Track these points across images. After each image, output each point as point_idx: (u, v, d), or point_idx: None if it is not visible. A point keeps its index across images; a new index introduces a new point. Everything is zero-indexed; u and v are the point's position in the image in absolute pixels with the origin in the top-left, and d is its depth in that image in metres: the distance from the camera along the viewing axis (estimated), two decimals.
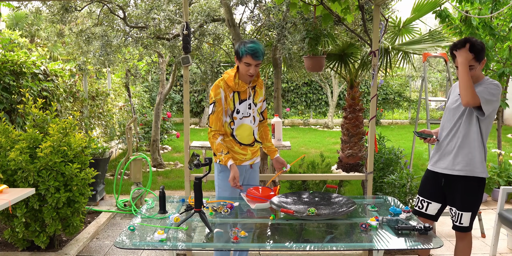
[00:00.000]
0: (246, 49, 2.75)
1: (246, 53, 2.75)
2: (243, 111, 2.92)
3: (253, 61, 2.77)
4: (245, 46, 2.76)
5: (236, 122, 2.93)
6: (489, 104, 2.70)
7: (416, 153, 8.43)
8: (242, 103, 2.91)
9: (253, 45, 2.75)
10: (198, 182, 2.38)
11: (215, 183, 3.05)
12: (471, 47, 2.70)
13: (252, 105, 2.96)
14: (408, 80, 14.71)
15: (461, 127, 2.83)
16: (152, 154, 7.22)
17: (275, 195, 2.71)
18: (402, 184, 4.17)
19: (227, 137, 2.96)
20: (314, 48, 4.17)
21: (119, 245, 2.10)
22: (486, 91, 2.71)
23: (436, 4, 4.96)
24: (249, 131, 2.98)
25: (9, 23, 12.43)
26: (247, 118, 2.94)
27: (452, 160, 2.86)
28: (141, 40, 5.71)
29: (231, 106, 2.89)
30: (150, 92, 11.87)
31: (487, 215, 4.83)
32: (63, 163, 3.52)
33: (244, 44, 2.77)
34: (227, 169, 2.93)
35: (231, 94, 2.88)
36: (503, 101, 5.15)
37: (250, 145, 3.01)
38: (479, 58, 2.73)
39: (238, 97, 2.90)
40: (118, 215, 4.89)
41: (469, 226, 2.90)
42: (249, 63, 2.78)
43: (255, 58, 2.76)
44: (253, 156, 3.04)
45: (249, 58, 2.75)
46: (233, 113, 2.91)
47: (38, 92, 4.75)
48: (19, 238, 3.60)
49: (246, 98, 2.92)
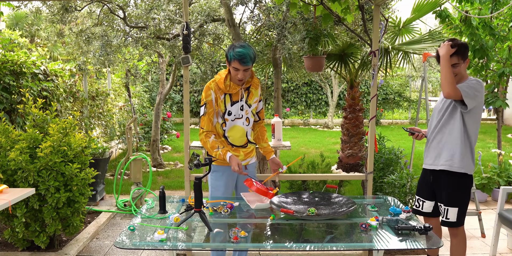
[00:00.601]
0: (234, 54, 2.69)
1: (234, 58, 2.69)
2: (235, 112, 2.89)
3: (240, 66, 2.72)
4: (233, 51, 2.70)
5: (228, 123, 2.91)
6: (472, 99, 2.79)
7: (416, 153, 8.43)
8: (234, 105, 2.88)
9: (242, 50, 2.69)
10: (198, 182, 2.38)
11: (208, 183, 3.06)
12: (455, 45, 2.81)
13: (245, 106, 2.92)
14: (408, 80, 14.71)
15: (445, 124, 2.93)
16: (152, 154, 7.22)
17: (273, 194, 2.71)
18: (402, 184, 4.17)
19: (219, 138, 2.95)
20: (314, 48, 4.17)
21: (119, 245, 2.10)
22: (466, 85, 2.82)
23: (436, 4, 4.96)
24: (241, 133, 2.95)
25: (9, 23, 12.44)
26: (239, 119, 2.92)
27: (436, 155, 2.98)
28: (141, 40, 5.71)
29: (222, 108, 2.87)
30: (150, 92, 11.88)
31: (487, 215, 4.83)
32: (63, 163, 3.52)
33: (233, 48, 2.71)
34: (219, 169, 2.94)
35: (222, 96, 2.85)
36: (503, 101, 5.14)
37: (243, 146, 2.99)
38: (464, 57, 2.84)
39: (230, 98, 2.87)
40: (118, 215, 4.89)
41: (456, 221, 2.95)
42: (237, 68, 2.73)
43: (243, 64, 2.70)
44: (246, 157, 3.02)
45: (237, 63, 2.70)
46: (224, 114, 2.89)
47: (38, 92, 4.75)
48: (19, 238, 3.60)
49: (238, 99, 2.89)
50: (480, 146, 9.62)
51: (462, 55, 2.83)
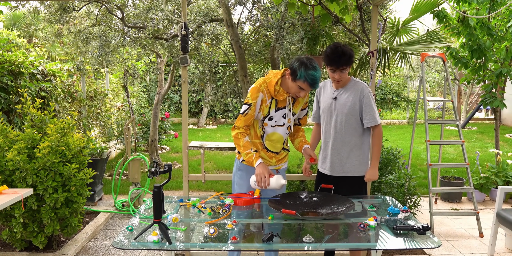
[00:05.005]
0: (306, 76, 2.56)
1: (305, 80, 2.57)
2: (277, 119, 2.79)
3: (309, 89, 2.63)
4: (306, 72, 2.56)
5: (267, 129, 2.81)
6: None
7: (414, 153, 8.45)
8: (278, 111, 2.78)
9: (315, 73, 2.57)
10: (158, 191, 2.22)
11: (232, 179, 3.02)
12: (349, 60, 2.87)
13: (289, 114, 2.81)
14: (406, 80, 14.74)
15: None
16: (150, 154, 7.22)
17: (258, 198, 2.71)
18: (400, 184, 4.18)
19: (257, 139, 2.85)
20: (312, 48, 4.17)
21: (118, 246, 2.10)
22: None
23: (434, 4, 4.97)
24: (280, 141, 2.87)
25: (7, 23, 12.40)
26: (280, 127, 2.82)
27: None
28: (139, 40, 5.70)
29: (265, 112, 2.76)
30: (148, 92, 11.87)
31: (485, 215, 4.85)
32: (61, 163, 3.52)
33: (306, 69, 2.56)
34: (246, 168, 2.87)
35: (269, 99, 2.74)
36: (501, 101, 5.16)
37: (276, 152, 2.90)
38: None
39: (276, 104, 2.76)
40: (116, 216, 4.89)
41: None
42: (303, 89, 2.64)
43: (312, 88, 2.63)
44: (278, 163, 2.94)
45: (306, 85, 2.60)
46: (265, 119, 2.78)
47: (36, 92, 4.74)
48: (17, 239, 3.60)
49: (283, 106, 2.78)
50: (478, 146, 9.65)
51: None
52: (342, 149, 3.05)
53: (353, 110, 2.99)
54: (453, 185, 5.36)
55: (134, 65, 7.24)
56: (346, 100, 2.99)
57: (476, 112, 11.91)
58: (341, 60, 2.83)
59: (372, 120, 2.99)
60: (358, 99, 2.98)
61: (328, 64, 2.89)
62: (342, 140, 3.04)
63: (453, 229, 4.53)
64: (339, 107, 3.01)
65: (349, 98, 2.99)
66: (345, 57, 2.83)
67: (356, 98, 2.98)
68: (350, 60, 2.86)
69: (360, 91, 2.98)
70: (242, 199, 2.68)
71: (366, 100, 2.98)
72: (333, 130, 3.06)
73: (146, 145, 8.06)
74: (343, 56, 2.82)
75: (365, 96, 2.97)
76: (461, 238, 4.28)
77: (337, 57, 2.83)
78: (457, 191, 5.33)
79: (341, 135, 3.03)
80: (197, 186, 6.23)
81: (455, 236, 4.33)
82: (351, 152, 3.04)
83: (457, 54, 5.13)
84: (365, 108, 2.98)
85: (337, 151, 3.06)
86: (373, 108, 3.00)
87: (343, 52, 2.82)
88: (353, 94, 2.98)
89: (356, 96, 2.98)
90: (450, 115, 14.28)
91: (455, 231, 4.48)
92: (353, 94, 2.99)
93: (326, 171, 3.14)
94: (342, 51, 2.82)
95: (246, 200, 2.68)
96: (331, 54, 2.84)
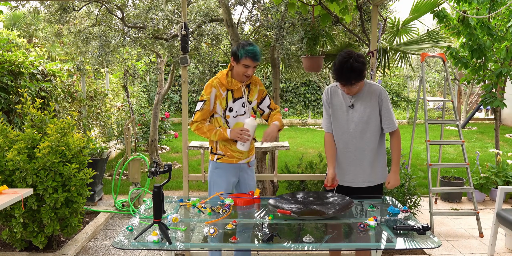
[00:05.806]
0: (245, 52, 2.80)
1: (246, 55, 2.80)
2: (237, 109, 2.96)
3: (252, 63, 2.83)
4: (244, 49, 2.80)
5: (230, 120, 2.97)
6: None
7: (414, 153, 8.44)
8: (236, 101, 2.96)
9: (252, 48, 2.81)
10: (157, 191, 2.23)
11: (208, 179, 3.10)
12: (359, 76, 2.66)
13: (246, 103, 3.00)
14: (406, 80, 14.74)
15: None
16: (150, 154, 7.22)
17: (258, 198, 2.74)
18: (400, 184, 4.18)
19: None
20: (312, 48, 4.17)
21: (118, 246, 2.10)
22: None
23: (434, 4, 4.97)
24: None
25: (7, 23, 12.40)
26: (241, 116, 2.98)
27: None
28: (139, 40, 5.70)
29: (223, 105, 2.94)
30: (148, 92, 11.87)
31: (485, 215, 4.84)
32: (61, 163, 3.52)
33: (243, 47, 2.82)
34: (223, 166, 3.01)
35: (224, 92, 2.93)
36: (501, 101, 5.16)
37: None
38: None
39: (232, 95, 2.95)
40: (116, 216, 4.89)
41: None
42: (248, 65, 2.84)
43: (255, 60, 2.83)
44: (249, 154, 3.08)
45: (249, 60, 2.81)
46: (225, 111, 2.95)
47: (36, 92, 4.74)
48: (17, 239, 3.60)
49: (240, 96, 2.97)
50: (478, 146, 9.65)
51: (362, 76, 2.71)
52: (365, 158, 2.90)
53: (374, 117, 2.84)
54: (453, 185, 5.36)
55: (134, 65, 7.24)
56: (365, 106, 2.83)
57: (476, 112, 11.90)
58: (351, 77, 2.64)
59: (391, 125, 2.86)
60: (377, 103, 2.83)
61: (337, 79, 2.72)
62: (363, 148, 2.88)
63: (453, 229, 4.52)
64: (358, 115, 2.84)
65: (368, 105, 2.83)
66: (354, 74, 2.62)
67: (375, 103, 2.82)
68: (360, 76, 2.65)
69: (378, 95, 2.82)
70: (242, 199, 2.69)
71: (385, 104, 2.83)
72: (352, 140, 2.89)
73: (146, 145, 8.06)
74: (353, 72, 2.61)
75: (383, 100, 2.83)
76: (461, 238, 4.28)
77: (347, 73, 2.63)
78: (457, 191, 5.33)
79: (362, 143, 2.87)
80: (197, 186, 6.23)
81: (455, 236, 4.33)
82: (373, 160, 2.91)
83: (457, 54, 5.13)
84: (384, 112, 2.84)
85: (359, 161, 2.90)
86: (391, 112, 2.87)
87: (352, 68, 2.60)
88: (372, 100, 2.83)
89: (374, 101, 2.82)
90: (450, 115, 14.28)
91: (455, 231, 4.48)
92: (372, 100, 2.83)
93: (348, 183, 2.97)
94: (351, 68, 2.60)
95: (246, 200, 2.69)
96: (340, 69, 2.64)
